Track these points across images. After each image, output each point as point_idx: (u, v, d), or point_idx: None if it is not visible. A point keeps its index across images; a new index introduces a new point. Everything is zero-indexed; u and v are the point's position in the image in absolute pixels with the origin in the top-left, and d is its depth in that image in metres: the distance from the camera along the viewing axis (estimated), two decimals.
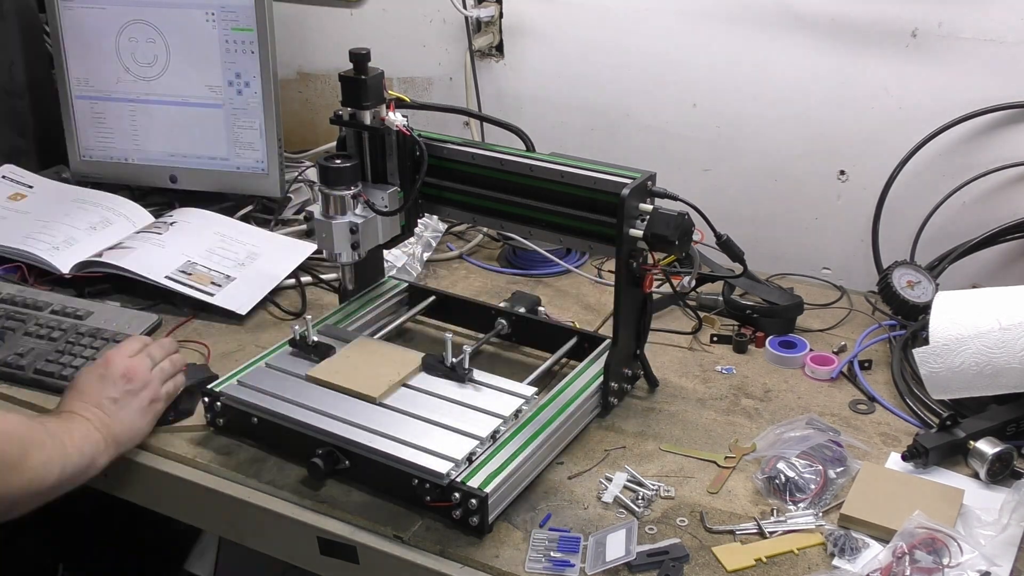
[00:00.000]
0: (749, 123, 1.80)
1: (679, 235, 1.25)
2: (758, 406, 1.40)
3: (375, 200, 1.39)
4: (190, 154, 1.93)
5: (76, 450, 1.20)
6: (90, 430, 1.23)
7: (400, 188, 1.42)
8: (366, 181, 1.42)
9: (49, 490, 1.17)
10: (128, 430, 1.27)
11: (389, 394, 1.29)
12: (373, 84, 1.36)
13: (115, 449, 1.25)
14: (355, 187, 1.37)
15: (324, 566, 1.22)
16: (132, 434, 1.28)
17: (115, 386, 1.27)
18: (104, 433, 1.24)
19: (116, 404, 1.26)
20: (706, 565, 1.12)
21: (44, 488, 1.16)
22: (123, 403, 1.27)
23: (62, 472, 1.17)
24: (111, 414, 1.26)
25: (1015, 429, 1.29)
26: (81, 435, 1.21)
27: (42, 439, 1.16)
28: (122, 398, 1.27)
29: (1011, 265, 1.67)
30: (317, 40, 2.22)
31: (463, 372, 1.31)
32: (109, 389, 1.27)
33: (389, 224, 1.44)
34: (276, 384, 1.31)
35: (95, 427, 1.23)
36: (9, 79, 1.99)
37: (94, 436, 1.23)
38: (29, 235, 1.73)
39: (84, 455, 1.20)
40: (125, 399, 1.27)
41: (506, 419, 1.24)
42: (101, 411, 1.25)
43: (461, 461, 1.16)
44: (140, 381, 1.29)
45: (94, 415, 1.24)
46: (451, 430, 1.22)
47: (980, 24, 1.56)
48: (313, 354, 1.37)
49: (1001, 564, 1.09)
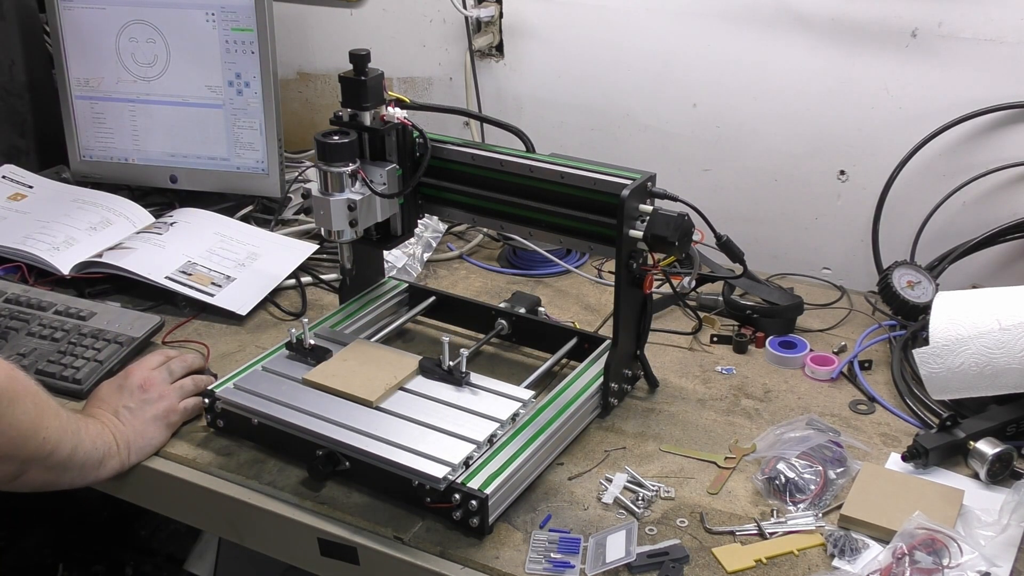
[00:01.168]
0: (749, 123, 1.80)
1: (679, 236, 1.25)
2: (758, 406, 1.40)
3: (373, 177, 1.38)
4: (190, 154, 1.93)
5: (90, 441, 1.22)
6: (103, 431, 1.26)
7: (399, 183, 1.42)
8: (364, 159, 1.40)
9: (59, 466, 1.19)
10: (140, 437, 1.29)
11: (386, 398, 1.28)
12: (373, 85, 1.35)
13: (127, 455, 1.28)
14: (353, 164, 1.36)
15: (324, 567, 1.22)
16: (144, 443, 1.30)
17: (131, 396, 1.32)
18: (117, 437, 1.27)
19: (131, 413, 1.30)
20: (706, 566, 1.12)
21: (55, 461, 1.17)
22: (138, 412, 1.30)
23: (73, 452, 1.19)
24: (125, 421, 1.29)
25: (1015, 429, 1.29)
26: (96, 431, 1.25)
27: (56, 410, 1.18)
28: (138, 407, 1.31)
29: (1011, 265, 1.67)
30: (317, 40, 2.22)
31: (460, 375, 1.30)
32: (126, 398, 1.31)
33: (388, 202, 1.42)
34: (272, 388, 1.31)
35: (109, 430, 1.27)
36: (9, 79, 1.99)
37: (107, 436, 1.26)
38: (29, 235, 1.73)
39: (97, 450, 1.23)
40: (141, 408, 1.31)
41: (503, 423, 1.24)
42: (117, 418, 1.29)
43: (458, 465, 1.16)
44: (156, 392, 1.33)
45: (109, 420, 1.28)
46: (448, 434, 1.21)
47: (980, 24, 1.56)
48: (310, 357, 1.36)
49: (1001, 565, 1.09)
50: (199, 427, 1.35)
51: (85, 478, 1.24)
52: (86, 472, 1.23)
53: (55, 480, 1.20)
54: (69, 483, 1.23)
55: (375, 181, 1.38)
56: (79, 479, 1.23)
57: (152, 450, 1.31)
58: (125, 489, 1.33)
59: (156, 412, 1.31)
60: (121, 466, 1.27)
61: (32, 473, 1.16)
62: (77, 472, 1.22)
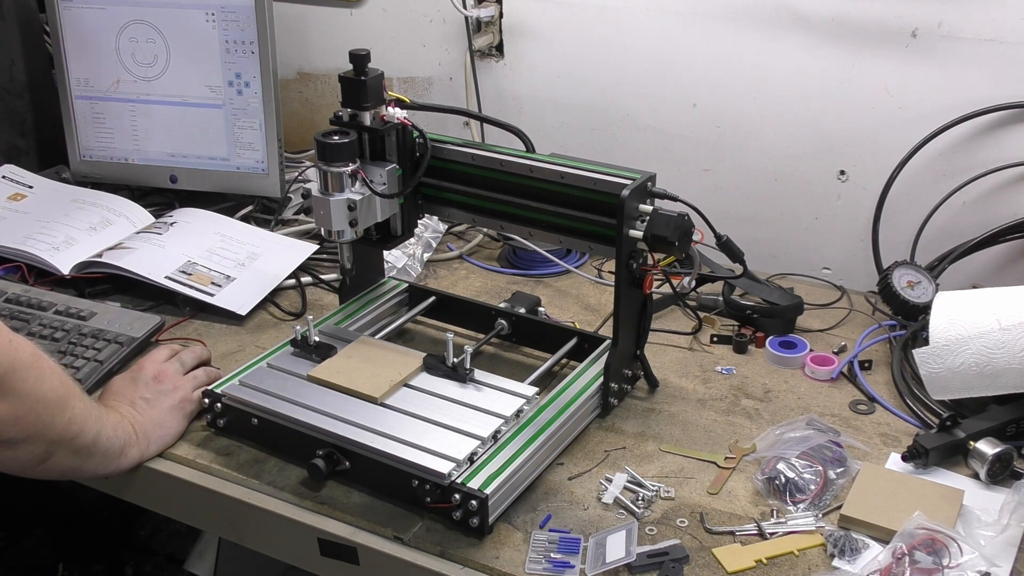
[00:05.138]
0: (749, 123, 1.80)
1: (679, 236, 1.25)
2: (758, 406, 1.40)
3: (373, 177, 1.38)
4: (190, 154, 1.93)
5: (111, 428, 1.23)
6: (122, 420, 1.27)
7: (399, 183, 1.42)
8: (364, 159, 1.40)
9: (85, 451, 1.18)
10: (159, 427, 1.30)
11: (390, 394, 1.29)
12: (373, 85, 1.35)
13: (146, 444, 1.28)
14: (353, 164, 1.36)
15: (324, 567, 1.22)
16: (163, 432, 1.30)
17: (147, 387, 1.33)
18: (136, 427, 1.27)
19: (148, 403, 1.31)
20: (706, 566, 1.12)
21: (81, 444, 1.17)
22: (155, 403, 1.31)
23: (97, 437, 1.19)
24: (143, 412, 1.30)
25: (1015, 429, 1.29)
26: (115, 420, 1.25)
27: (81, 393, 1.19)
28: (154, 398, 1.32)
29: (1011, 265, 1.67)
30: (317, 40, 2.22)
31: (464, 372, 1.31)
32: (141, 389, 1.32)
33: (388, 202, 1.42)
34: (277, 384, 1.32)
35: (128, 420, 1.28)
36: (9, 79, 1.99)
37: (126, 426, 1.26)
38: (29, 235, 1.73)
39: (118, 438, 1.23)
40: (157, 399, 1.32)
41: (507, 419, 1.24)
42: (133, 409, 1.30)
43: (463, 461, 1.17)
44: (171, 383, 1.34)
45: (127, 411, 1.29)
46: (452, 430, 1.22)
47: (980, 24, 1.56)
48: (314, 354, 1.37)
49: (1001, 565, 1.09)
50: (199, 427, 1.35)
51: (108, 467, 1.23)
52: (108, 460, 1.23)
53: (80, 466, 1.20)
54: (92, 471, 1.22)
55: (375, 181, 1.38)
56: (102, 467, 1.23)
57: (172, 439, 1.31)
58: (125, 489, 1.33)
59: (172, 402, 1.32)
60: (141, 456, 1.27)
61: (58, 456, 1.15)
62: (100, 459, 1.21)
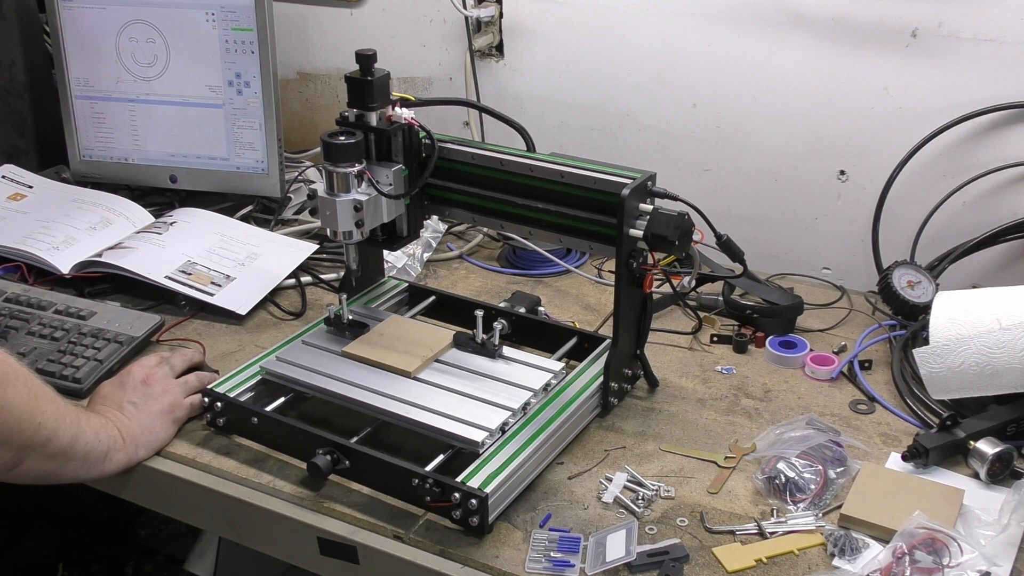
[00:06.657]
0: (749, 123, 1.80)
1: (679, 235, 1.25)
2: (758, 406, 1.40)
3: (379, 178, 1.38)
4: (190, 154, 1.93)
5: (92, 432, 1.22)
6: (107, 424, 1.26)
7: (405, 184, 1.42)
8: (370, 159, 1.40)
9: (60, 455, 1.17)
10: (146, 431, 1.29)
11: (423, 369, 1.34)
12: (380, 85, 1.35)
13: (134, 449, 1.27)
14: (359, 164, 1.36)
15: (324, 566, 1.22)
16: (150, 436, 1.29)
17: (135, 391, 1.32)
18: (122, 431, 1.26)
19: (136, 408, 1.30)
20: (706, 565, 1.12)
21: (54, 449, 1.16)
22: (143, 407, 1.30)
23: (73, 441, 1.18)
24: (130, 416, 1.29)
25: (1015, 429, 1.29)
26: (98, 424, 1.24)
27: (53, 397, 1.17)
28: (142, 402, 1.31)
29: (1011, 265, 1.67)
30: (317, 40, 2.22)
31: (493, 348, 1.36)
32: (129, 394, 1.31)
33: (394, 203, 1.42)
34: (313, 360, 1.37)
35: (113, 424, 1.26)
36: (9, 79, 1.99)
37: (111, 430, 1.25)
38: (29, 235, 1.73)
39: (100, 442, 1.22)
40: (145, 403, 1.31)
41: (536, 392, 1.29)
42: (121, 413, 1.29)
43: (495, 431, 1.22)
44: (160, 387, 1.33)
45: (114, 415, 1.28)
46: (484, 402, 1.27)
47: (980, 24, 1.56)
48: (347, 332, 1.41)
49: (1001, 564, 1.09)
50: (199, 426, 1.35)
51: (90, 471, 1.22)
52: (90, 464, 1.21)
53: (57, 471, 1.18)
54: (73, 475, 1.21)
55: (381, 182, 1.38)
56: (83, 471, 1.22)
57: (160, 445, 1.30)
58: (125, 489, 1.33)
59: (161, 407, 1.31)
60: (128, 461, 1.26)
61: (31, 461, 1.14)
62: (80, 463, 1.20)
